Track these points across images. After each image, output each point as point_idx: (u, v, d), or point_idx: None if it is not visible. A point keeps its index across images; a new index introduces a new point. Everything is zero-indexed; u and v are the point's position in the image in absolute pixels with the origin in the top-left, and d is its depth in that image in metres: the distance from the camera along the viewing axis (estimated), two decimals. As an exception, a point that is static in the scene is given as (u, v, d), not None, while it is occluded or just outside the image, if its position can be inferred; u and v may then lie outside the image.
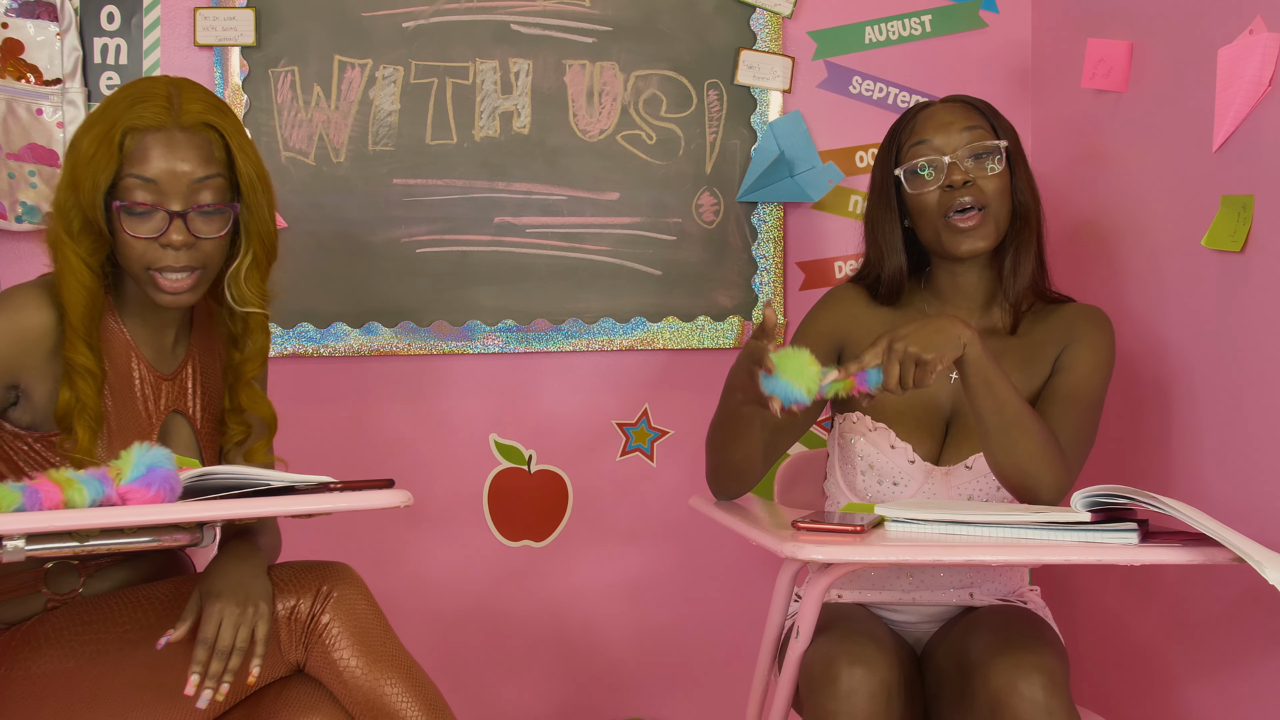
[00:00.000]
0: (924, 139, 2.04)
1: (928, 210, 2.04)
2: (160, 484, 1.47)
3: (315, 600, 1.72)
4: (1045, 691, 1.69)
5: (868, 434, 2.04)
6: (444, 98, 2.60)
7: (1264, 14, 2.02)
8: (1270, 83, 2.01)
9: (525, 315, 2.64)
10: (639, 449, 2.70)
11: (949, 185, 2.01)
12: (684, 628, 2.73)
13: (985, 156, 2.02)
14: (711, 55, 2.66)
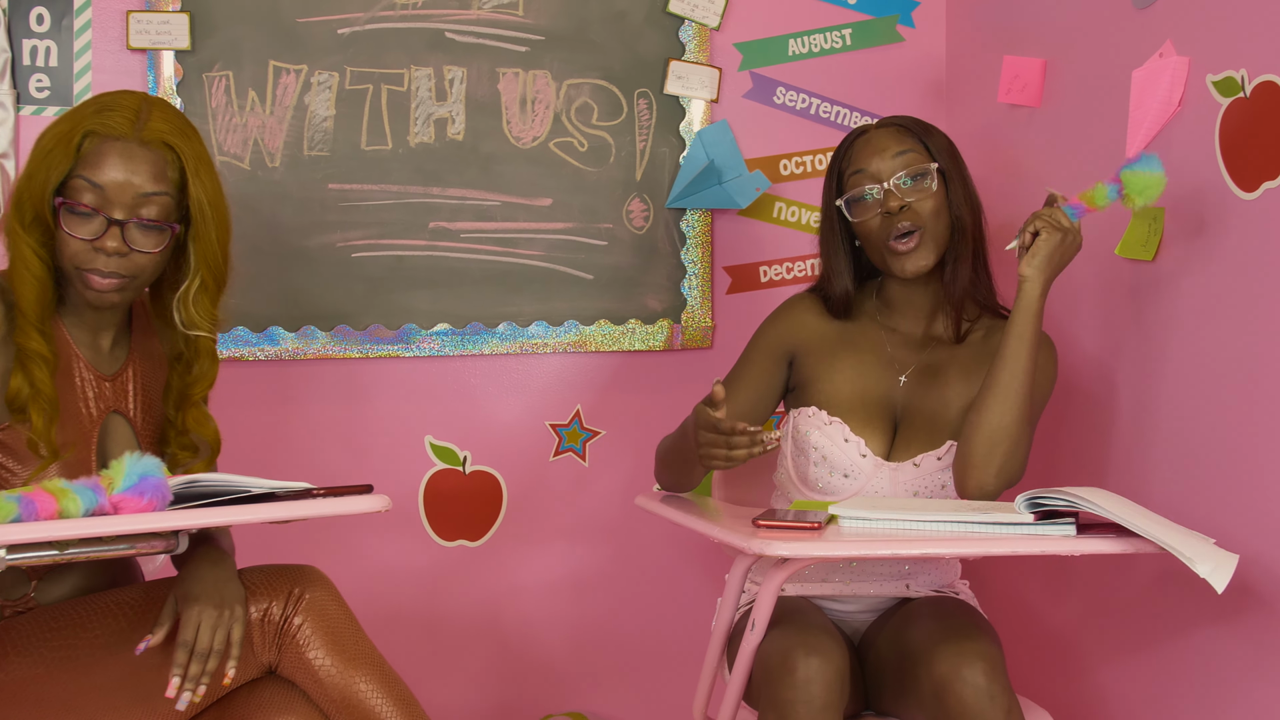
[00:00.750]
0: (861, 168, 2.14)
1: (870, 235, 2.14)
2: (152, 492, 1.49)
3: (287, 603, 1.75)
4: (987, 677, 1.79)
5: (823, 428, 2.14)
6: (379, 104, 2.63)
7: (1173, 38, 2.16)
8: (1180, 103, 2.15)
9: (460, 318, 2.67)
10: (572, 449, 2.76)
11: (886, 212, 2.10)
12: (618, 623, 2.79)
13: (920, 178, 2.12)
14: (641, 65, 2.73)
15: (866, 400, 2.15)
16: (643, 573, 2.80)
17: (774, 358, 2.23)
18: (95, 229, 1.77)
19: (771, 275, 2.82)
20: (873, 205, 2.13)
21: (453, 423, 2.70)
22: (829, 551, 1.67)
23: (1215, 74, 2.06)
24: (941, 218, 2.14)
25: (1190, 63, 2.12)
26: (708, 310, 2.77)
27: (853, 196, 2.15)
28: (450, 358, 2.69)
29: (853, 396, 2.15)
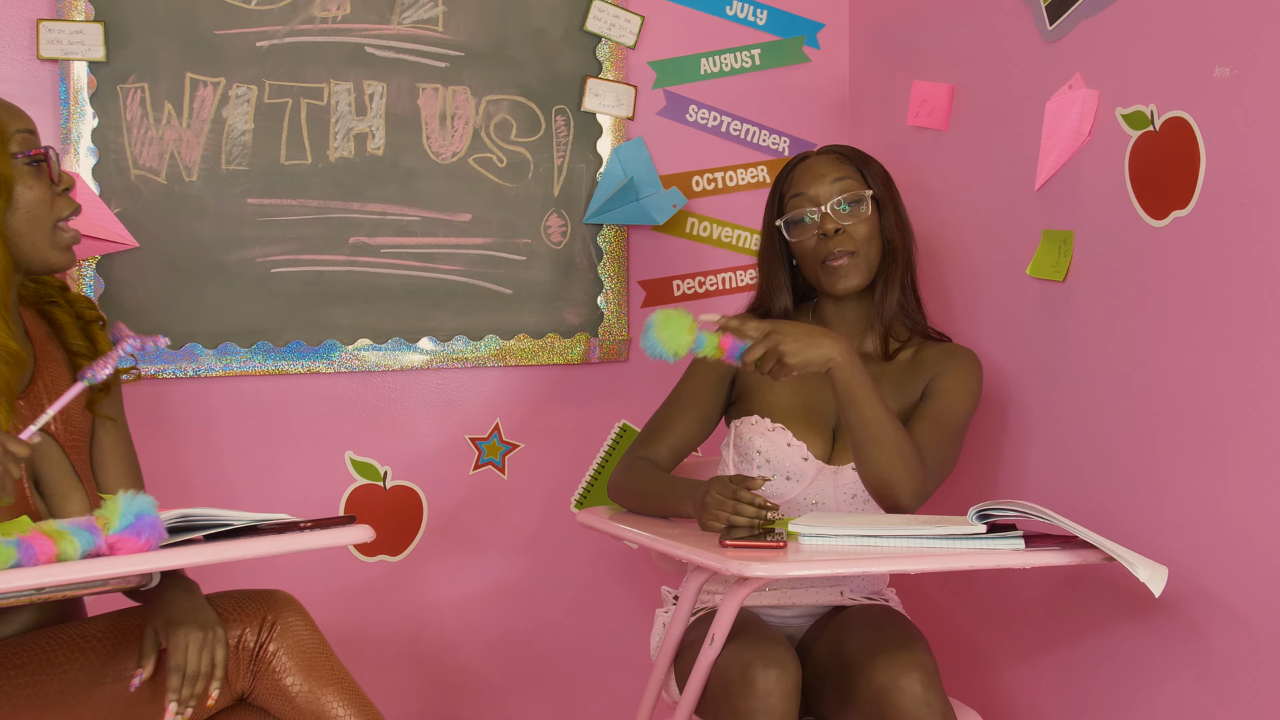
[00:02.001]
0: (800, 191, 2.25)
1: (806, 255, 2.26)
2: (149, 531, 1.48)
3: (261, 629, 1.77)
4: (924, 686, 1.88)
5: (766, 434, 2.22)
6: (298, 118, 2.60)
7: (1082, 71, 2.28)
8: (1090, 133, 2.28)
9: (381, 334, 2.67)
10: (491, 463, 2.78)
11: (823, 234, 2.21)
12: (541, 635, 2.83)
13: (855, 204, 2.23)
14: (559, 82, 2.76)
15: (806, 408, 2.25)
16: (564, 584, 2.83)
17: (718, 376, 2.31)
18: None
19: (684, 289, 2.88)
20: (810, 227, 2.24)
21: (373, 438, 2.69)
22: (803, 570, 1.74)
23: (1125, 108, 2.19)
24: (874, 242, 2.25)
25: (1100, 95, 2.25)
26: (624, 324, 2.82)
27: (792, 218, 2.25)
28: (371, 373, 2.68)
29: (793, 405, 2.25)
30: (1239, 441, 1.96)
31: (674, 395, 2.33)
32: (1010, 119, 2.47)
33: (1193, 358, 2.04)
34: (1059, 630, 2.35)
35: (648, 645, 2.84)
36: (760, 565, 1.71)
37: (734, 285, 2.91)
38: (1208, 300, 2.01)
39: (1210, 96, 2.01)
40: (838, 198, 2.23)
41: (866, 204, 2.24)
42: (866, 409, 2.03)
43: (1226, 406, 1.98)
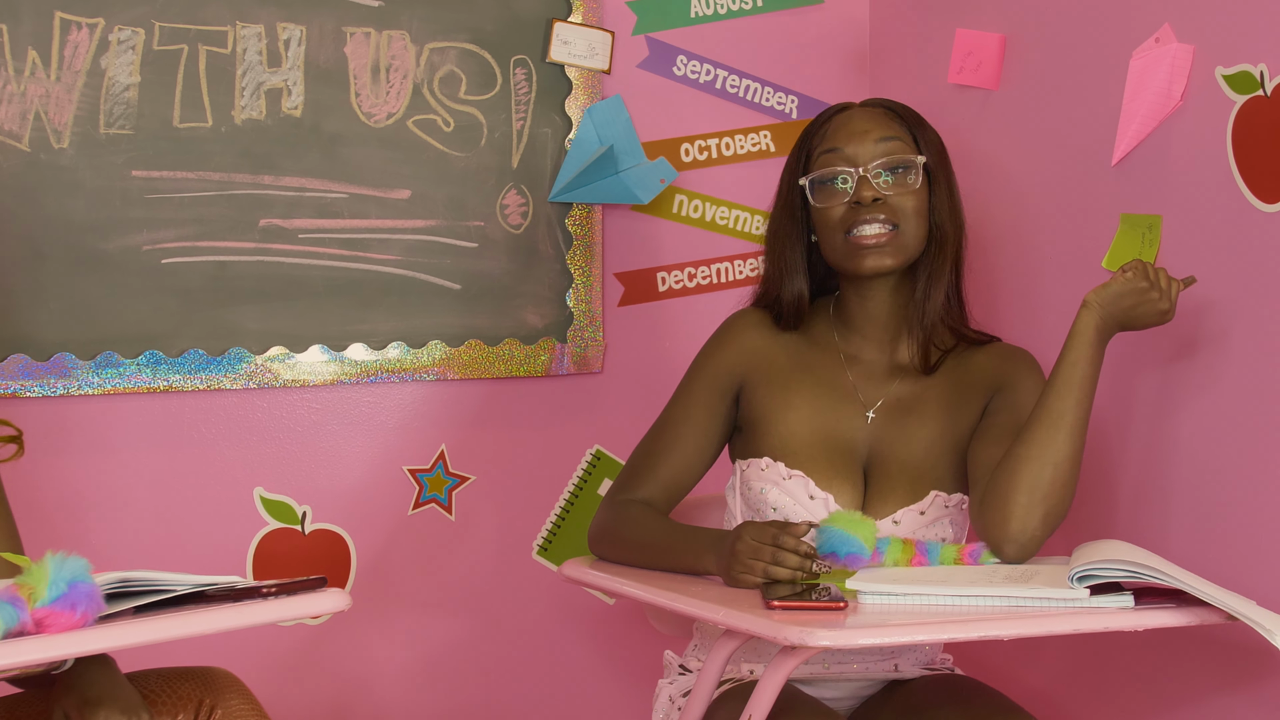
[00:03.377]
0: (835, 147, 2.22)
1: (831, 225, 2.22)
2: (85, 603, 1.45)
3: (198, 716, 1.75)
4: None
5: (782, 483, 2.20)
6: (196, 69, 2.58)
7: (1172, 22, 2.33)
8: (1183, 97, 2.32)
9: (299, 340, 2.65)
10: (435, 499, 2.77)
11: (856, 202, 2.19)
12: (493, 710, 2.82)
13: (902, 171, 2.22)
14: (519, 27, 2.75)
15: (829, 444, 2.23)
16: (527, 650, 2.84)
17: (720, 392, 2.28)
18: None
19: (671, 283, 2.89)
20: (841, 193, 2.20)
21: (289, 471, 2.67)
22: (881, 639, 1.75)
23: (1227, 67, 2.23)
24: (920, 221, 2.21)
25: (1195, 51, 2.29)
26: (598, 327, 2.82)
27: (820, 177, 2.22)
28: (286, 389, 2.66)
29: (812, 440, 2.22)
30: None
31: (665, 418, 2.31)
32: (1079, 78, 2.51)
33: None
34: (1151, 695, 2.40)
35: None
36: (825, 632, 1.71)
37: (732, 278, 2.93)
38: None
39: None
40: (881, 160, 2.20)
41: (916, 173, 2.21)
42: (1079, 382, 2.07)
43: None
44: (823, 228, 2.24)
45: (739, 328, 2.31)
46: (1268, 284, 2.17)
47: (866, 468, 2.24)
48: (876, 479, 2.22)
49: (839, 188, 2.21)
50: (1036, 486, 2.06)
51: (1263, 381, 2.18)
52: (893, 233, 2.19)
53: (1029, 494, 2.06)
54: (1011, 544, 2.07)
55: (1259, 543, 2.18)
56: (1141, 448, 2.40)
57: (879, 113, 2.26)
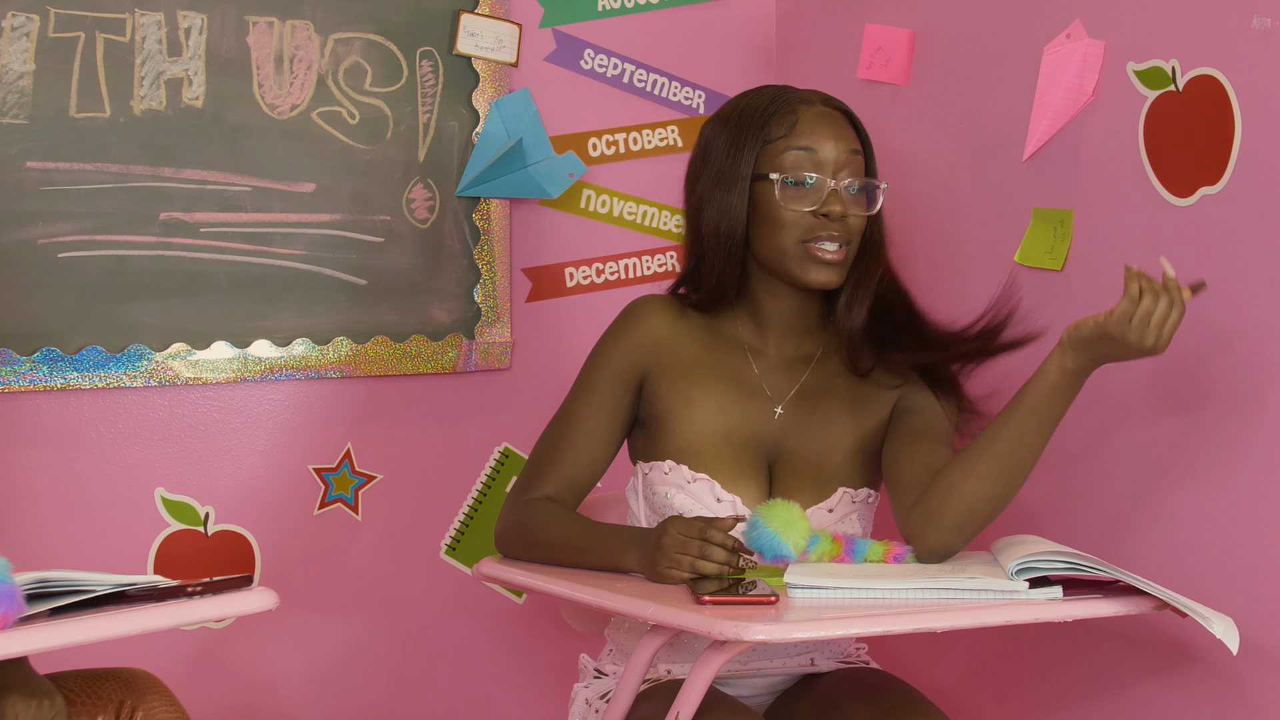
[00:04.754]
0: (810, 146, 2.15)
1: (786, 227, 2.15)
2: (6, 603, 1.41)
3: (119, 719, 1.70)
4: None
5: (686, 486, 2.17)
6: (93, 58, 2.52)
7: (1083, 18, 2.35)
8: (1094, 92, 2.34)
9: (201, 337, 2.60)
10: (341, 499, 2.73)
11: (825, 214, 2.14)
12: (402, 712, 2.78)
13: (863, 191, 2.17)
14: (426, 18, 2.72)
15: (734, 442, 2.19)
16: (437, 651, 2.81)
17: (623, 383, 2.22)
18: None
19: (579, 279, 2.87)
20: (809, 196, 2.14)
21: (191, 471, 2.62)
22: (820, 632, 1.74)
23: (1139, 63, 2.26)
24: (859, 240, 2.19)
25: (1106, 47, 2.32)
26: (505, 323, 2.80)
27: (793, 179, 2.14)
28: (188, 386, 2.61)
29: (717, 439, 2.18)
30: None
31: (565, 413, 2.26)
32: (991, 74, 2.53)
33: (1225, 361, 2.12)
34: (1061, 689, 2.42)
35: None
36: (761, 626, 1.70)
37: (640, 274, 2.92)
38: (1244, 292, 2.09)
39: (1247, 51, 2.08)
40: (850, 178, 2.16)
41: (876, 197, 2.18)
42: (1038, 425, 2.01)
43: (1266, 421, 2.06)
44: (775, 225, 2.15)
45: (641, 315, 2.25)
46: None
47: (772, 464, 2.21)
48: (783, 476, 2.19)
49: (806, 189, 2.16)
50: (973, 512, 2.05)
51: (1176, 375, 2.20)
52: (843, 250, 2.17)
53: (964, 516, 2.04)
54: (934, 554, 2.07)
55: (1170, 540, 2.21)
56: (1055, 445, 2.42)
57: (846, 122, 2.20)
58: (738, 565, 1.95)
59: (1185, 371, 2.19)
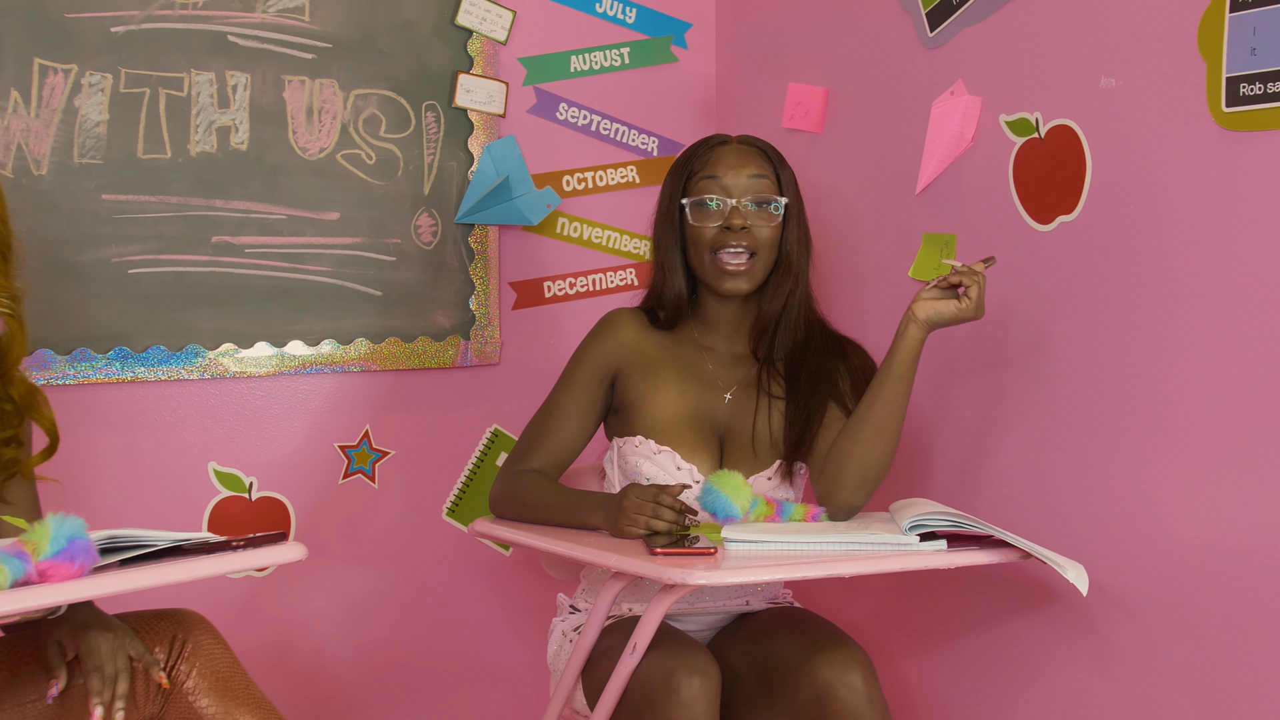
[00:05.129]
0: (714, 175, 2.19)
1: (702, 243, 2.20)
2: (82, 556, 1.40)
3: (171, 650, 1.72)
4: (865, 682, 1.92)
5: (653, 456, 2.18)
6: (156, 109, 2.48)
7: (964, 78, 2.36)
8: (973, 139, 2.35)
9: (245, 338, 2.57)
10: (361, 471, 2.70)
11: (727, 226, 2.18)
12: (416, 648, 2.77)
13: (765, 206, 2.20)
14: (429, 77, 2.70)
15: (692, 422, 2.21)
16: (439, 596, 2.79)
17: (598, 379, 2.25)
18: None
19: (555, 291, 2.86)
20: (715, 215, 2.18)
21: (238, 448, 2.59)
22: (747, 577, 1.75)
23: (1009, 114, 2.27)
24: (772, 250, 2.20)
25: (983, 102, 2.33)
26: (496, 327, 2.78)
27: (699, 200, 2.19)
28: (235, 379, 2.58)
29: (678, 419, 2.21)
30: (1126, 440, 2.06)
31: (551, 403, 2.28)
32: (889, 123, 2.54)
33: (1078, 360, 2.14)
34: (951, 625, 2.43)
35: (531, 657, 2.82)
36: (701, 573, 1.71)
37: (605, 286, 2.91)
38: (1094, 302, 2.11)
39: (1096, 105, 2.10)
40: (750, 195, 2.19)
41: (778, 209, 2.21)
42: (904, 389, 2.06)
43: (1114, 406, 2.08)
44: (694, 243, 2.22)
45: (614, 324, 2.28)
46: (1044, 289, 2.21)
47: (723, 440, 2.23)
48: (731, 449, 2.21)
49: (713, 209, 2.19)
50: (867, 470, 2.08)
51: (1040, 368, 2.22)
52: (751, 261, 2.18)
53: (860, 475, 2.08)
54: (842, 511, 2.10)
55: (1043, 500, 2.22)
56: (938, 424, 2.43)
57: (752, 150, 2.23)
58: (684, 524, 1.96)
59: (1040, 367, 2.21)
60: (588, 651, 2.09)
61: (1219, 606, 1.92)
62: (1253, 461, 1.86)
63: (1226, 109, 1.88)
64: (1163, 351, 1.99)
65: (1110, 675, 2.09)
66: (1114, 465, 2.08)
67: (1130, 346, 2.05)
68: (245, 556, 1.53)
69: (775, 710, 2.02)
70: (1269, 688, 1.85)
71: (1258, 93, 1.83)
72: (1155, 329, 2.01)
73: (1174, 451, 1.98)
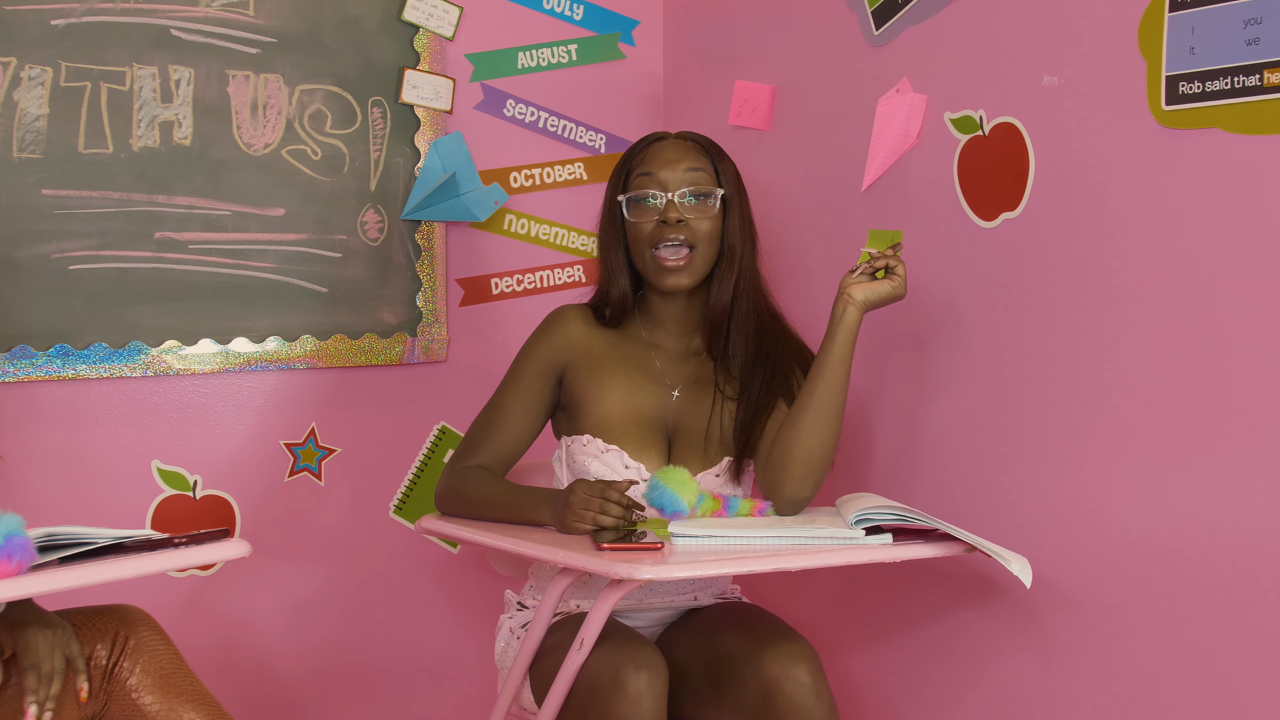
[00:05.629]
0: (650, 172, 2.20)
1: (640, 239, 2.20)
2: (20, 553, 1.38)
3: (114, 647, 1.70)
4: (812, 676, 1.92)
5: (601, 455, 2.18)
6: (98, 103, 2.45)
7: (910, 76, 2.37)
8: (918, 136, 2.37)
9: (189, 334, 2.55)
10: (307, 469, 2.68)
11: (663, 221, 2.18)
12: (363, 647, 2.75)
13: (703, 199, 2.20)
14: (375, 73, 2.68)
15: (639, 419, 2.21)
16: (386, 593, 2.77)
17: (544, 375, 2.25)
18: None
19: (503, 287, 2.85)
20: (652, 210, 2.18)
21: (182, 445, 2.57)
22: (692, 571, 1.75)
23: (953, 112, 2.29)
24: (713, 242, 2.20)
25: (928, 100, 2.34)
26: (443, 323, 2.77)
27: (635, 197, 2.20)
28: (179, 376, 2.56)
29: (625, 417, 2.20)
30: (1067, 434, 2.08)
31: (497, 399, 2.27)
32: (835, 121, 2.55)
33: (1022, 354, 2.15)
34: (898, 619, 2.44)
35: (479, 655, 2.81)
36: (648, 568, 1.71)
37: (553, 283, 2.90)
38: (1037, 298, 2.12)
39: (1039, 103, 2.12)
40: (686, 188, 2.19)
41: (715, 201, 2.22)
42: (845, 372, 2.07)
43: (1056, 400, 2.10)
44: (634, 240, 2.22)
45: (561, 321, 2.27)
46: (987, 285, 2.22)
47: (671, 438, 2.22)
48: (679, 447, 2.21)
49: (650, 205, 2.19)
50: (811, 458, 2.08)
51: (986, 362, 2.23)
52: (689, 255, 2.18)
53: (805, 464, 2.08)
54: (788, 504, 2.10)
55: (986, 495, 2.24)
56: (886, 419, 2.44)
57: (689, 145, 2.24)
58: (631, 519, 1.96)
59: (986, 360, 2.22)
60: (535, 648, 2.08)
61: (1159, 598, 1.94)
62: (1190, 456, 1.89)
63: (1166, 107, 1.90)
64: (1103, 347, 2.01)
65: (1054, 666, 2.11)
66: (1056, 459, 2.10)
67: (1072, 342, 2.07)
68: (187, 554, 1.51)
69: (723, 705, 2.02)
70: (1206, 677, 1.88)
71: (1196, 91, 1.86)
72: (1096, 324, 2.03)
73: (1114, 445, 2.00)
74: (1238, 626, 1.83)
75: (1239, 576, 1.83)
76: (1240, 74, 1.80)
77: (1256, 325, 1.80)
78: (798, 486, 2.08)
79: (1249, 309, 1.81)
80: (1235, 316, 1.83)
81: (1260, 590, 1.81)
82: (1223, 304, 1.84)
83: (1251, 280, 1.81)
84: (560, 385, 2.25)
